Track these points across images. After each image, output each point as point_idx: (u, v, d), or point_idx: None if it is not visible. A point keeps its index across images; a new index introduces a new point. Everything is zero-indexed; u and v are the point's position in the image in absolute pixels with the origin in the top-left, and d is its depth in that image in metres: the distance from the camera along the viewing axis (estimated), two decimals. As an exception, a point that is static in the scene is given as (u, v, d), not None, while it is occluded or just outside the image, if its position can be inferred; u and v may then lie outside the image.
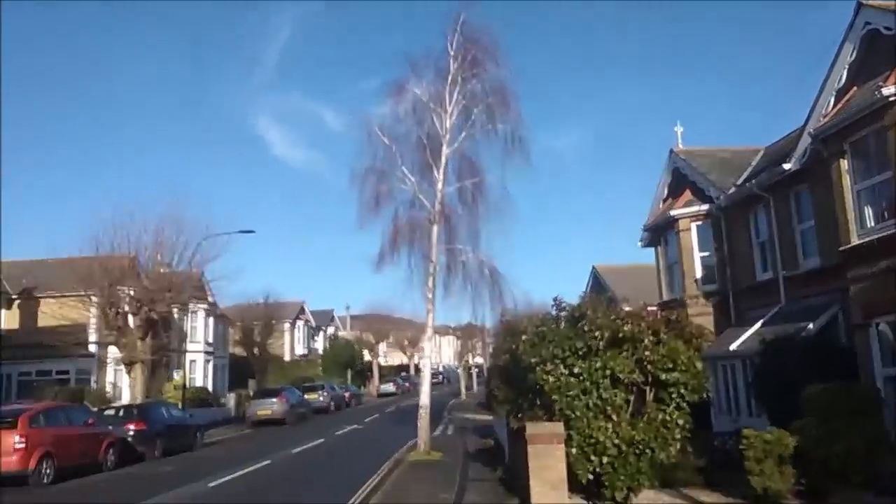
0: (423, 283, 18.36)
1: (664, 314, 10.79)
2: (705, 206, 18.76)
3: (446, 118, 18.31)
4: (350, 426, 27.87)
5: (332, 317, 71.16)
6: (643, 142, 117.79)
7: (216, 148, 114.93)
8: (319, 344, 65.29)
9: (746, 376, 15.28)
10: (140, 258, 26.94)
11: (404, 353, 71.76)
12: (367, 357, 61.10)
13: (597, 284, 31.37)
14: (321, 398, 38.31)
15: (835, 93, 13.10)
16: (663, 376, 9.69)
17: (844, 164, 12.50)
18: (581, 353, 9.90)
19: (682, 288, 19.16)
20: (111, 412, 20.96)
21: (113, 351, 28.97)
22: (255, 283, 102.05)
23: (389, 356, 78.35)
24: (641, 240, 22.27)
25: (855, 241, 12.20)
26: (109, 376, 32.35)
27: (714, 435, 14.02)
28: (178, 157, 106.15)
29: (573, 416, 9.66)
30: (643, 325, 10.04)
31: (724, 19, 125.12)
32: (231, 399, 38.55)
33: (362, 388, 54.06)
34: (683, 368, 9.72)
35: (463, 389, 51.46)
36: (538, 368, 9.92)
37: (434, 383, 19.13)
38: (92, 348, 31.45)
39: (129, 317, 26.10)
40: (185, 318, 37.61)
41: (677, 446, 9.69)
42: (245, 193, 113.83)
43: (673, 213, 19.54)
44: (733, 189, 17.79)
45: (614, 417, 9.69)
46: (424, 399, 17.77)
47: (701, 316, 16.96)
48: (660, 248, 21.11)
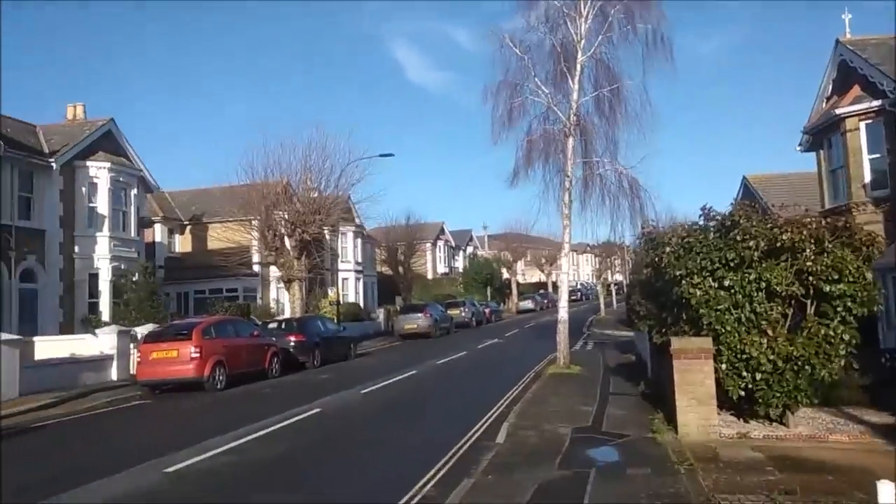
0: (558, 199, 17.96)
1: (828, 221, 9.80)
2: (877, 103, 16.51)
3: (581, 22, 17.27)
4: (490, 340, 28.58)
5: (471, 236, 72.24)
6: (801, 39, 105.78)
7: (354, 76, 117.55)
8: (459, 263, 66.80)
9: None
10: (291, 183, 28.65)
11: (541, 271, 71.75)
12: (505, 275, 61.79)
13: (747, 195, 29.09)
14: (463, 314, 39.44)
15: None
16: (827, 288, 8.92)
17: None
18: (732, 264, 9.29)
19: (847, 194, 17.28)
20: (274, 325, 22.79)
21: (274, 270, 31.30)
22: (396, 205, 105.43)
23: (527, 274, 78.70)
24: (801, 144, 20.21)
25: None
26: (273, 293, 35.13)
27: (881, 351, 12.92)
28: (321, 86, 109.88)
29: (723, 330, 9.19)
30: (805, 233, 9.21)
31: None
32: (380, 314, 40.70)
33: (501, 304, 54.95)
34: (851, 280, 8.88)
35: (602, 306, 50.87)
36: (684, 281, 9.46)
37: (572, 300, 18.96)
38: (256, 268, 34.20)
39: (285, 238, 28.00)
40: (336, 239, 39.78)
41: (840, 363, 9.00)
42: (383, 119, 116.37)
43: (839, 111, 17.44)
44: (913, 81, 15.51)
45: (769, 332, 9.12)
46: (563, 314, 17.70)
47: (869, 224, 15.17)
48: (822, 153, 19.06)
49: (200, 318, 19.84)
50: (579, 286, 74.02)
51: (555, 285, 68.83)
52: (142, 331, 19.35)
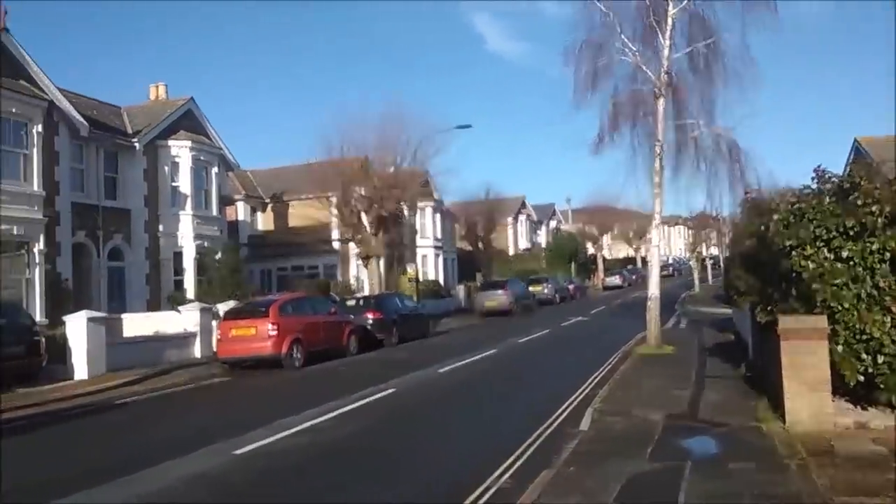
0: (648, 166, 16.75)
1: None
2: None
3: (671, -28, 15.87)
4: (575, 318, 27.59)
5: (553, 210, 70.69)
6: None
7: (431, 47, 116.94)
8: (542, 238, 65.53)
9: None
10: (368, 158, 28.41)
11: (629, 245, 69.50)
12: (590, 250, 60.12)
13: (859, 159, 26.73)
14: (545, 290, 38.54)
15: None
16: (965, 260, 7.60)
17: None
18: (852, 232, 8.08)
19: None
20: (352, 302, 22.71)
21: (354, 247, 31.38)
22: (475, 179, 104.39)
23: (614, 248, 76.51)
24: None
25: None
26: (352, 270, 35.31)
27: None
28: (396, 58, 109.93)
29: (839, 308, 8.02)
30: (940, 196, 7.88)
31: None
32: (460, 291, 40.38)
33: (586, 280, 53.52)
34: None
35: (696, 281, 48.61)
36: (794, 253, 8.32)
37: (664, 276, 17.75)
38: (335, 245, 34.47)
39: (362, 215, 27.87)
40: (415, 215, 39.56)
41: (984, 346, 7.68)
42: (461, 91, 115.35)
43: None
44: None
45: (894, 309, 7.91)
46: (654, 290, 16.58)
47: None
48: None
49: (277, 295, 19.90)
50: (670, 260, 71.35)
51: (643, 260, 66.62)
52: (224, 308, 19.59)
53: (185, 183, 25.83)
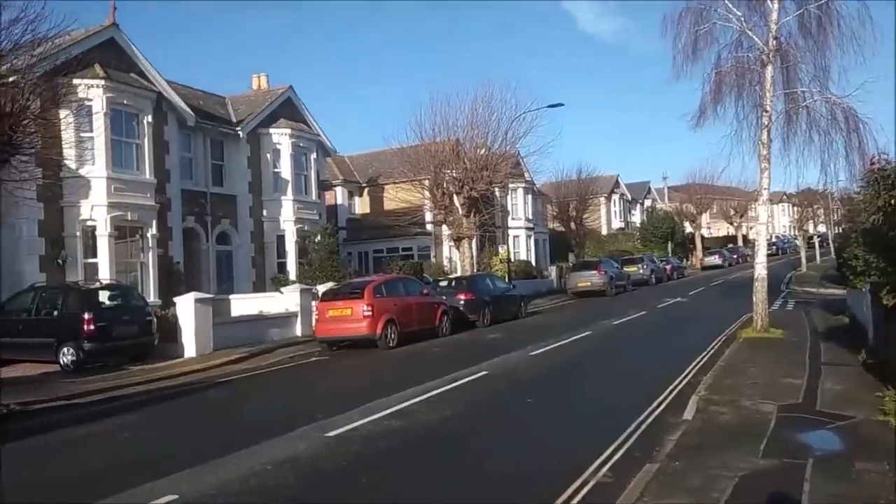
0: (754, 138, 15.68)
1: None
2: None
3: (781, -72, 14.70)
4: (672, 299, 26.57)
5: (649, 189, 68.34)
6: None
7: (522, 26, 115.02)
8: (637, 217, 63.53)
9: None
10: (459, 140, 28.34)
11: (729, 224, 66.20)
12: (688, 229, 57.72)
13: None
14: (641, 270, 37.34)
15: None
16: None
17: None
18: None
19: None
20: (444, 283, 22.76)
21: (446, 229, 31.49)
22: (567, 159, 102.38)
23: (713, 227, 73.14)
24: None
25: None
26: (445, 251, 35.51)
27: None
28: (489, 41, 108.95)
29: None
30: None
31: None
32: (552, 271, 39.87)
33: (684, 260, 51.40)
34: None
35: (803, 260, 45.73)
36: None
37: (768, 255, 16.64)
38: (428, 227, 34.76)
39: (454, 196, 27.86)
40: (506, 196, 39.32)
41: None
42: (552, 70, 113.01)
43: None
44: None
45: None
46: (760, 270, 15.62)
47: None
48: None
49: (371, 277, 20.20)
50: (774, 239, 67.44)
51: (745, 239, 63.42)
52: (322, 289, 20.12)
53: (285, 169, 26.64)
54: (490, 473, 6.43)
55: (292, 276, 25.27)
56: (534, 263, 40.37)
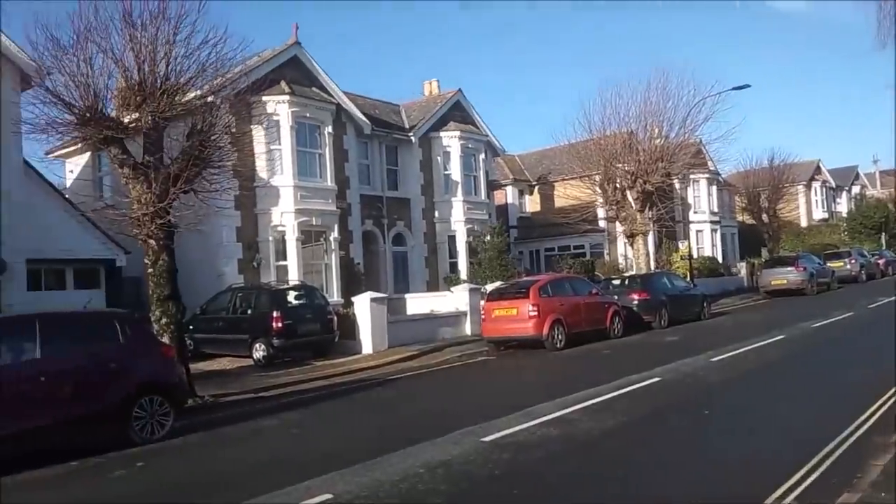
0: None
1: None
2: None
3: None
4: (887, 298, 23.19)
5: (857, 174, 60.75)
6: None
7: (700, 8, 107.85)
8: (842, 206, 56.84)
9: None
10: (632, 131, 27.10)
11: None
12: (907, 217, 50.49)
13: None
14: (848, 266, 33.26)
15: None
16: None
17: None
18: None
19: None
20: (617, 282, 21.81)
21: (619, 225, 30.32)
22: (756, 144, 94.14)
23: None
24: None
25: None
26: (619, 249, 34.22)
27: None
28: (661, 26, 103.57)
29: None
30: None
31: None
32: (741, 268, 37.01)
33: (903, 254, 45.02)
34: None
35: None
36: None
37: None
38: (601, 224, 33.72)
39: (626, 191, 26.70)
40: (686, 188, 37.09)
41: None
42: (733, 51, 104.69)
43: None
44: None
45: None
46: None
47: None
48: None
49: (537, 276, 19.89)
50: None
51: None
52: (490, 288, 20.20)
53: (455, 170, 27.18)
54: (652, 498, 5.86)
55: (463, 275, 25.68)
56: (720, 260, 37.67)
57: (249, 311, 16.65)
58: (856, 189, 59.52)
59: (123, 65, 11.09)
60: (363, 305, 17.59)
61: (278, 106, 20.51)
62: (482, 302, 19.79)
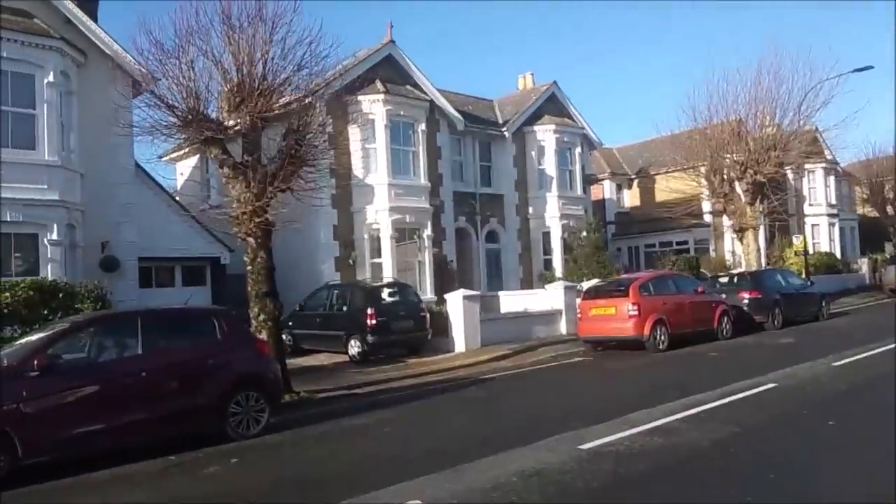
0: None
1: None
2: None
3: None
4: None
5: None
6: None
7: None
8: None
9: None
10: (741, 120, 25.54)
11: None
12: None
13: None
14: None
15: None
16: None
17: None
18: None
19: None
20: (725, 280, 20.56)
21: (727, 219, 28.71)
22: (880, 131, 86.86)
23: None
24: None
25: None
26: (727, 244, 32.41)
27: None
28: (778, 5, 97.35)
29: None
30: None
31: None
32: (863, 265, 34.34)
33: None
34: None
35: None
36: None
37: None
38: (706, 218, 32.07)
39: (735, 183, 25.20)
40: (801, 179, 34.74)
41: None
42: (851, 28, 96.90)
43: None
44: None
45: None
46: None
47: None
48: None
49: (638, 273, 19.02)
50: None
51: None
52: (586, 286, 19.53)
53: (550, 165, 26.58)
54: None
55: (558, 272, 25.07)
56: (838, 256, 35.02)
57: (345, 308, 16.84)
58: None
59: (223, 66, 11.39)
60: (456, 303, 17.42)
61: (373, 105, 20.70)
62: (578, 300, 19.16)
